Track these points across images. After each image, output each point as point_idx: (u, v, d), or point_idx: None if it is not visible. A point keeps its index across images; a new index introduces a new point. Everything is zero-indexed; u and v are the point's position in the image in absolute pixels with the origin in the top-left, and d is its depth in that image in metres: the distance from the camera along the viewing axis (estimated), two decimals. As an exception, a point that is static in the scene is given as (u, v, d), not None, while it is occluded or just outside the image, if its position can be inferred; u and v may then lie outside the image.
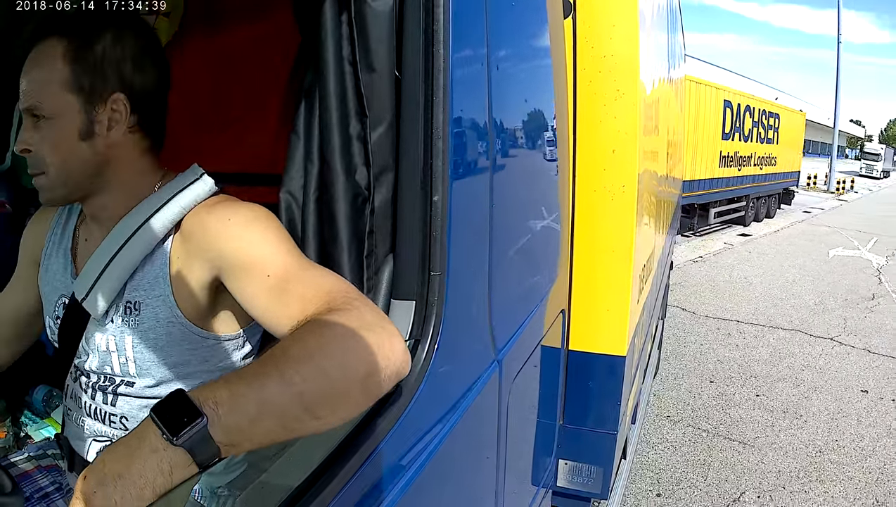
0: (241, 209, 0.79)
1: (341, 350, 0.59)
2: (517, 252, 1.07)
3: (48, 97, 0.76)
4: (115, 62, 0.79)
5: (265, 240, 0.75)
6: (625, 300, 1.45)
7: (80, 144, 0.78)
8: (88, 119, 0.78)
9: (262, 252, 0.74)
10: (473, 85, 0.83)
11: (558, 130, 1.24)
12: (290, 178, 0.88)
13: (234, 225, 0.76)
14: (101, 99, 0.78)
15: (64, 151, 0.78)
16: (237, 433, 0.52)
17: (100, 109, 0.78)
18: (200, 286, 0.79)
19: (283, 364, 0.56)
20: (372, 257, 0.82)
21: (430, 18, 0.73)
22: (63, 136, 0.77)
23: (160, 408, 0.51)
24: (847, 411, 3.71)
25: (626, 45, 1.38)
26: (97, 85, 0.78)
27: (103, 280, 0.81)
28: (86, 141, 0.78)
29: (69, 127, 0.77)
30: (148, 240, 0.80)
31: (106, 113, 0.79)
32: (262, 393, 0.54)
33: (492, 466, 0.99)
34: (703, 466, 3.01)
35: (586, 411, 1.52)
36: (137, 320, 0.81)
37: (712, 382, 4.06)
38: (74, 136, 0.78)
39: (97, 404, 0.87)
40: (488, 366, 0.92)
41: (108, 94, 0.79)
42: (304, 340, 0.60)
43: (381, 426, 0.67)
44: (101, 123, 0.79)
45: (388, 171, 0.80)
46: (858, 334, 5.17)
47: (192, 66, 1.36)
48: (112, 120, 0.79)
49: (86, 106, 0.77)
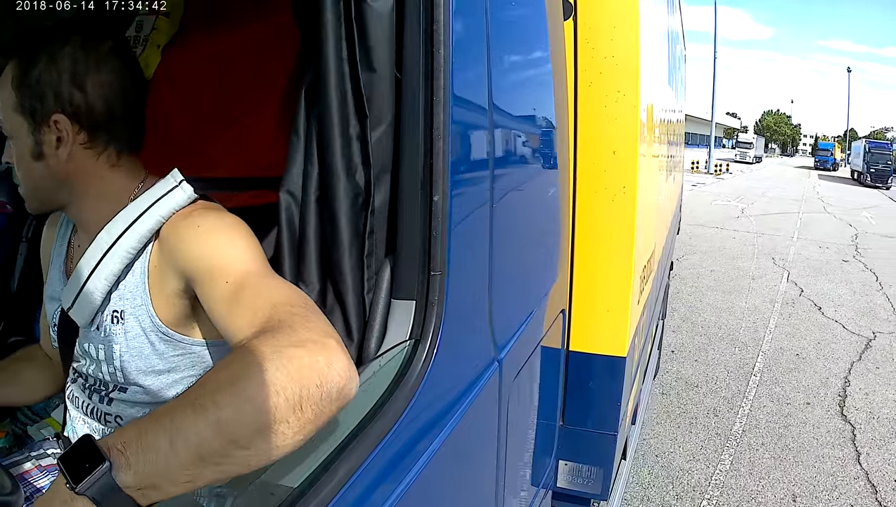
0: (212, 216, 0.79)
1: (265, 372, 0.53)
2: (517, 252, 1.07)
3: (6, 119, 0.80)
4: (50, 84, 0.78)
5: (230, 245, 0.74)
6: (625, 301, 1.44)
7: (34, 164, 0.81)
8: (35, 141, 0.79)
9: (224, 258, 0.73)
10: (474, 85, 0.83)
11: (559, 130, 1.24)
12: (290, 178, 0.87)
13: (202, 231, 0.77)
14: (43, 120, 0.79)
15: (24, 169, 0.82)
16: (152, 474, 0.49)
17: (44, 130, 0.79)
18: (176, 294, 0.80)
19: (197, 392, 0.53)
20: (372, 257, 0.81)
21: (430, 18, 0.73)
22: (21, 155, 0.81)
23: (67, 456, 0.49)
24: (727, 245, 8.68)
25: (627, 46, 1.38)
26: (36, 107, 0.79)
27: (86, 290, 0.82)
28: (38, 161, 0.80)
29: (24, 147, 0.80)
30: (127, 250, 0.80)
31: (51, 133, 0.79)
32: (173, 425, 0.50)
33: (492, 466, 0.98)
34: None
35: (586, 412, 1.52)
36: (123, 330, 0.82)
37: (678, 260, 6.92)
38: (28, 155, 0.80)
39: (94, 404, 0.88)
40: (488, 366, 0.92)
41: (48, 115, 0.79)
42: (229, 365, 0.56)
43: (382, 427, 0.67)
44: (48, 143, 0.79)
45: (388, 171, 0.80)
46: (732, 228, 10.42)
47: (192, 66, 1.36)
48: (58, 140, 0.79)
49: (32, 128, 0.79)
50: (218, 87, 1.32)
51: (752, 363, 4.14)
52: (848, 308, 5.61)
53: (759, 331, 4.81)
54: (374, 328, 0.79)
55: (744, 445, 3.06)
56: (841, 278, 6.89)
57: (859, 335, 4.83)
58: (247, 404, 0.52)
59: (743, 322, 5.03)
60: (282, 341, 0.57)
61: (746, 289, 6.15)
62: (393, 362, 0.74)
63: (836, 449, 3.06)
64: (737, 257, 7.79)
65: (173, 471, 0.50)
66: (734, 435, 3.14)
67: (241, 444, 0.52)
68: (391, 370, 0.73)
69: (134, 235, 0.80)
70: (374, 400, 0.70)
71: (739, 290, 6.08)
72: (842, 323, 5.15)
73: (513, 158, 1.03)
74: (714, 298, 5.76)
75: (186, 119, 1.32)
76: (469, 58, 0.81)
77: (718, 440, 3.08)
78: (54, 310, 0.91)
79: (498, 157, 0.92)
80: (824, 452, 3.03)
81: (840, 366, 4.18)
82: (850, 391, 3.76)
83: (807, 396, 3.67)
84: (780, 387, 3.79)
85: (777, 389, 3.76)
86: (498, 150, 0.92)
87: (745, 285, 6.33)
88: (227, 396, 0.52)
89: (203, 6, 1.38)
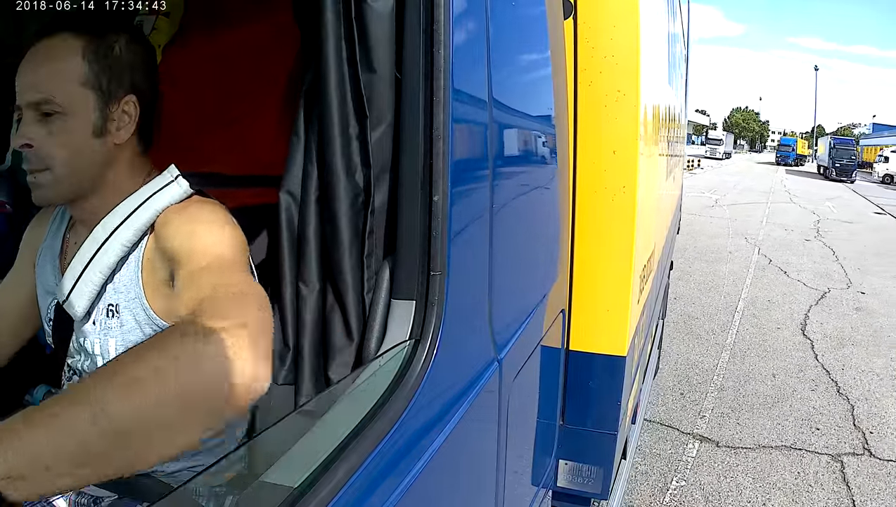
0: (205, 210, 0.80)
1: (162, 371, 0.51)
2: (517, 252, 1.07)
3: (63, 92, 0.77)
4: (130, 65, 0.81)
5: (209, 234, 0.75)
6: (625, 301, 1.44)
7: (91, 141, 0.79)
8: (102, 117, 0.79)
9: (200, 245, 0.73)
10: (474, 85, 0.83)
11: (559, 130, 1.24)
12: (290, 178, 0.88)
13: (188, 221, 0.77)
14: (115, 99, 0.80)
15: (74, 148, 0.78)
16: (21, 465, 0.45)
17: (113, 108, 0.80)
18: (165, 283, 0.80)
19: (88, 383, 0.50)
20: (372, 257, 0.81)
21: (430, 18, 0.73)
22: (77, 131, 0.78)
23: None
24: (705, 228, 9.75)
25: (627, 45, 1.38)
26: (113, 85, 0.79)
27: (81, 283, 0.82)
28: (98, 139, 0.79)
29: (83, 123, 0.78)
30: (123, 243, 0.80)
31: (118, 112, 0.80)
32: (56, 417, 0.47)
33: (492, 466, 0.98)
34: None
35: (586, 412, 1.52)
36: (118, 323, 0.82)
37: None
38: (87, 132, 0.79)
39: None
40: (488, 366, 0.92)
41: (121, 95, 0.80)
42: (120, 359, 0.53)
43: (382, 426, 0.67)
44: (113, 121, 0.80)
45: (387, 171, 0.80)
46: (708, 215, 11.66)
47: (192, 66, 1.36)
48: (121, 121, 0.81)
49: (101, 104, 0.79)
50: (218, 87, 1.32)
51: (736, 305, 5.62)
52: (808, 272, 7.12)
53: (739, 286, 6.34)
54: (374, 328, 0.79)
55: (736, 349, 4.54)
56: (803, 253, 8.39)
57: (816, 290, 6.29)
58: (134, 397, 0.49)
59: (725, 280, 6.52)
60: (188, 334, 0.54)
61: (726, 259, 7.64)
62: (393, 362, 0.74)
63: (800, 351, 4.54)
64: (715, 237, 9.21)
65: (47, 463, 0.46)
66: (728, 344, 4.63)
67: (124, 442, 0.48)
68: (391, 370, 0.74)
69: (130, 228, 0.80)
70: (374, 400, 0.70)
71: (720, 259, 7.60)
72: (803, 282, 6.66)
73: (513, 158, 1.03)
74: (700, 265, 7.20)
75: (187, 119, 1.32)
76: (469, 58, 0.81)
77: (718, 347, 4.57)
78: (48, 305, 0.91)
79: (498, 156, 0.92)
80: (792, 353, 4.50)
81: (801, 308, 5.63)
82: (808, 322, 5.23)
83: (777, 324, 5.17)
84: (758, 319, 5.26)
85: (755, 320, 5.23)
86: (498, 149, 0.92)
87: (724, 256, 7.83)
88: (115, 388, 0.49)
89: (203, 6, 1.38)
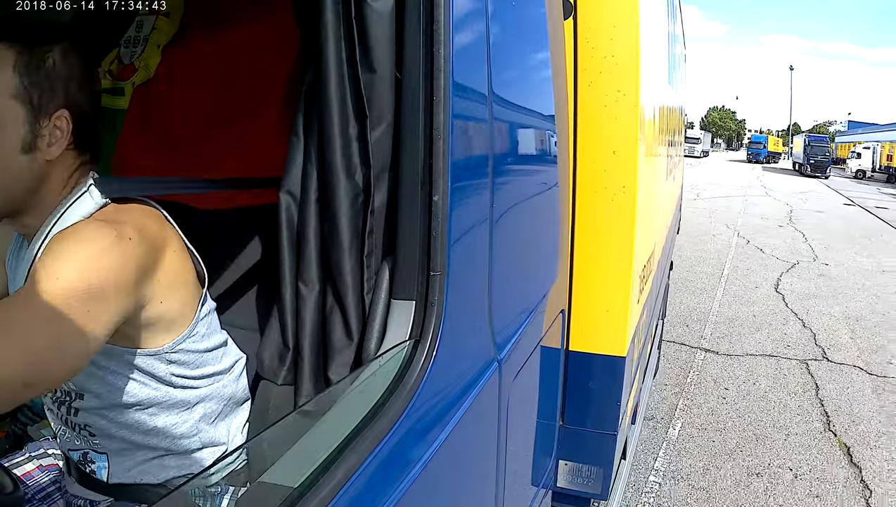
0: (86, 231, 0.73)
1: None
2: (517, 252, 1.07)
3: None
4: (64, 78, 0.77)
5: (56, 262, 0.69)
6: (625, 301, 1.44)
7: (20, 157, 0.76)
8: (32, 132, 0.75)
9: (40, 273, 0.68)
10: (474, 85, 0.83)
11: (559, 130, 1.24)
12: (290, 178, 0.87)
13: (58, 242, 0.71)
14: (45, 114, 0.76)
15: (2, 162, 0.75)
16: None
17: (44, 123, 0.76)
18: None
19: None
20: (372, 257, 0.81)
21: (430, 18, 0.73)
22: (2, 147, 0.74)
23: None
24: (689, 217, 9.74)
25: (627, 46, 1.38)
26: (45, 99, 0.76)
27: None
28: (26, 155, 0.76)
29: (10, 138, 0.75)
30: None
31: (48, 128, 0.77)
32: None
33: (492, 466, 0.98)
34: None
35: (586, 412, 1.52)
36: None
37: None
38: (16, 147, 0.75)
39: (63, 414, 0.88)
40: (488, 366, 0.92)
41: (52, 109, 0.77)
42: None
43: (381, 426, 0.67)
44: (44, 137, 0.76)
45: (387, 171, 0.80)
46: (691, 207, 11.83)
47: (192, 66, 1.36)
48: (52, 136, 0.77)
49: (30, 118, 0.75)
50: (218, 86, 1.32)
51: (721, 272, 7.20)
52: (781, 250, 8.71)
53: (723, 259, 7.92)
54: (374, 328, 0.79)
55: (724, 299, 6.06)
56: (777, 235, 10.00)
57: (787, 262, 7.90)
58: None
59: (711, 256, 8.11)
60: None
61: (710, 240, 9.22)
62: (393, 363, 0.74)
63: (774, 301, 6.08)
64: (699, 224, 10.51)
65: None
66: (718, 296, 6.14)
67: None
68: (391, 370, 0.74)
69: (43, 249, 0.75)
70: (374, 400, 0.70)
71: (705, 241, 9.16)
72: (776, 256, 8.23)
73: (513, 158, 1.03)
74: (689, 245, 8.41)
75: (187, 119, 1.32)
76: (469, 58, 0.81)
77: (710, 298, 6.08)
78: None
79: (498, 156, 0.92)
80: (768, 302, 6.04)
81: (775, 274, 7.21)
82: (781, 284, 6.77)
83: (756, 284, 6.72)
84: (740, 281, 6.84)
85: (738, 282, 6.81)
86: (498, 149, 0.92)
87: (708, 238, 9.40)
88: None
89: (203, 6, 1.38)
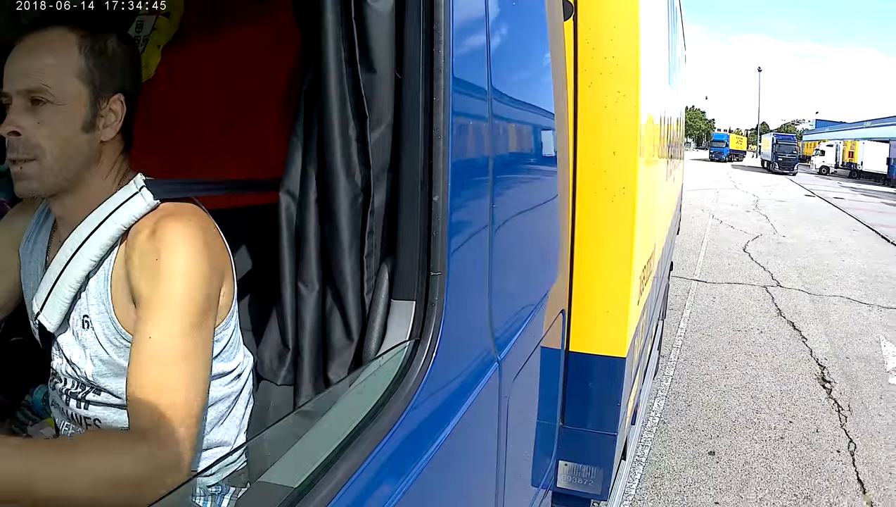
0: (168, 228, 0.78)
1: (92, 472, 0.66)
2: (517, 252, 1.07)
3: (59, 83, 0.77)
4: (120, 65, 0.82)
5: (173, 299, 0.76)
6: (625, 302, 1.44)
7: (80, 135, 0.80)
8: (93, 112, 0.80)
9: (161, 311, 0.75)
10: (474, 85, 0.83)
11: (559, 131, 1.24)
12: (290, 178, 0.88)
13: (158, 265, 0.77)
14: (105, 96, 0.81)
15: (63, 139, 0.79)
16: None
17: (103, 105, 0.81)
18: (132, 304, 0.80)
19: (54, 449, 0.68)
20: (372, 257, 0.81)
21: (430, 19, 0.73)
22: (67, 123, 0.78)
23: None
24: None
25: (627, 46, 1.38)
26: (106, 81, 0.80)
27: (53, 295, 0.82)
28: (87, 133, 0.80)
29: (74, 116, 0.79)
30: (90, 257, 0.80)
31: (105, 110, 0.81)
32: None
33: (492, 466, 0.98)
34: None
35: (586, 413, 1.52)
36: (91, 335, 0.83)
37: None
38: (78, 126, 0.79)
39: (72, 408, 0.88)
40: (488, 366, 0.92)
41: (111, 92, 0.81)
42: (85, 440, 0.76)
43: (382, 426, 0.67)
44: (102, 118, 0.81)
45: (387, 171, 0.80)
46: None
47: (192, 66, 1.36)
48: (108, 119, 0.82)
49: (92, 99, 0.80)
50: (218, 87, 1.32)
51: (701, 241, 9.16)
52: (748, 227, 11.04)
53: (702, 234, 9.92)
54: (374, 329, 0.79)
55: (705, 256, 8.00)
56: (744, 218, 12.39)
57: (752, 235, 10.07)
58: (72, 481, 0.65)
59: (693, 232, 9.82)
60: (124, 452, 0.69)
61: (689, 221, 10.73)
62: (392, 363, 0.74)
63: (743, 257, 8.08)
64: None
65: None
66: (700, 257, 7.96)
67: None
68: (391, 371, 0.73)
69: (96, 242, 0.80)
70: (374, 400, 0.70)
71: (686, 221, 10.57)
72: (744, 231, 10.47)
73: (513, 159, 1.03)
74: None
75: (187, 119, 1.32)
76: (469, 58, 0.81)
77: (695, 255, 8.00)
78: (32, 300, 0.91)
79: (498, 157, 0.92)
80: (738, 257, 8.05)
81: (743, 242, 9.34)
82: (748, 248, 8.82)
83: (728, 250, 8.66)
84: (716, 247, 8.82)
85: (714, 247, 8.78)
86: (498, 150, 0.92)
87: (688, 220, 10.75)
88: (66, 467, 0.65)
89: (203, 6, 1.38)
